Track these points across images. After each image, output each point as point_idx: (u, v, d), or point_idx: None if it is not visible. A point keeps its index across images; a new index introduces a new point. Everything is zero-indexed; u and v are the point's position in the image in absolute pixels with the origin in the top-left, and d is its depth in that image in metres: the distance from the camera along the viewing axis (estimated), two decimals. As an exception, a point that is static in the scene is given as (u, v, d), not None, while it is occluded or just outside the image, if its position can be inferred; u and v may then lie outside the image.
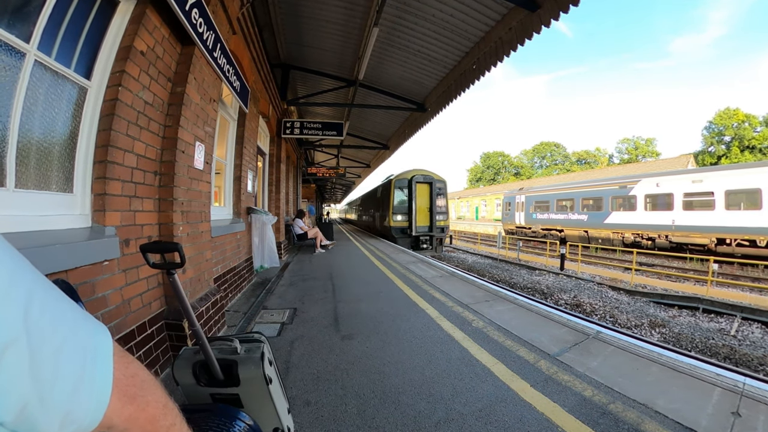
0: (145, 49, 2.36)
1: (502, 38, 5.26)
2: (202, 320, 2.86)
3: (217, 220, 4.19)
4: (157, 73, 2.56)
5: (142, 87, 2.38)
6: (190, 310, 1.24)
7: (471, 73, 6.40)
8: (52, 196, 1.85)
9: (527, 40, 4.94)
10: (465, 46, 5.95)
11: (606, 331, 3.29)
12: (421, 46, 6.25)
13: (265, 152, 7.67)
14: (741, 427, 1.87)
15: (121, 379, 0.44)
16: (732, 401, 2.11)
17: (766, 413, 1.95)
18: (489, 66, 5.90)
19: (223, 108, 4.50)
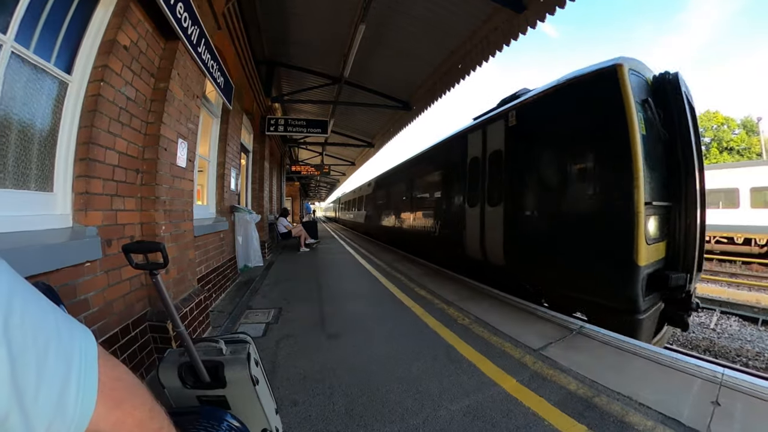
0: (128, 44, 2.29)
1: (488, 38, 5.33)
2: (187, 321, 2.80)
3: (200, 219, 4.11)
4: (140, 68, 2.49)
5: (124, 83, 2.31)
6: (174, 312, 1.23)
7: (456, 72, 6.47)
8: (32, 195, 1.78)
9: (513, 41, 5.02)
10: (451, 45, 5.98)
11: (589, 326, 3.37)
12: (407, 44, 6.25)
13: (248, 149, 7.54)
14: (720, 415, 1.95)
15: (106, 383, 0.43)
16: (712, 391, 2.19)
17: (742, 401, 2.06)
18: (474, 65, 5.98)
19: (207, 104, 4.40)
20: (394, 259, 8.05)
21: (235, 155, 5.47)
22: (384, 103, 8.67)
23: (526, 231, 4.40)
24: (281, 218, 10.28)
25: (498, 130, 5.00)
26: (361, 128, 12.12)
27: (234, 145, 5.37)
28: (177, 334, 1.22)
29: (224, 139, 4.90)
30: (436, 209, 7.33)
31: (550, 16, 4.36)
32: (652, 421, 1.92)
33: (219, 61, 3.76)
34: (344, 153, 16.89)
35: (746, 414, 1.94)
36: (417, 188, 8.90)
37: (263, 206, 8.26)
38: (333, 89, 8.30)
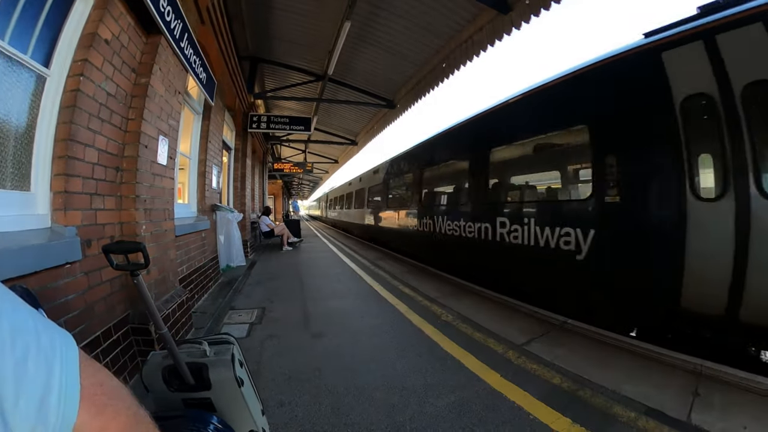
0: (109, 38, 2.22)
1: (473, 38, 5.38)
2: (169, 323, 2.74)
3: (181, 218, 4.01)
4: (121, 63, 2.41)
5: (105, 77, 2.23)
6: (157, 313, 1.22)
7: (441, 72, 6.52)
8: (7, 194, 1.70)
9: (497, 41, 5.09)
10: (436, 44, 6.03)
11: (572, 321, 3.40)
12: (393, 43, 6.27)
13: (230, 147, 7.39)
14: (700, 404, 2.02)
15: (89, 389, 0.41)
16: (692, 382, 2.27)
17: (720, 390, 2.15)
18: (459, 65, 6.03)
19: (189, 100, 4.29)
20: (378, 256, 8.08)
21: (216, 152, 5.35)
22: (368, 101, 8.67)
23: None
24: (264, 217, 10.12)
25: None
26: (344, 126, 12.07)
27: (216, 142, 5.25)
28: (160, 336, 1.19)
29: (206, 136, 4.79)
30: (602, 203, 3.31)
31: (534, 17, 4.43)
32: (635, 413, 1.98)
33: (202, 57, 3.67)
34: (327, 151, 16.76)
35: (724, 402, 2.03)
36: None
37: (245, 204, 8.11)
38: (317, 86, 8.24)
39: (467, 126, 5.61)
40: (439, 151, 6.61)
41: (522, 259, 4.15)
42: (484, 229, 4.77)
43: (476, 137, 5.26)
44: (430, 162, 6.88)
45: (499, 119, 4.86)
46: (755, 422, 1.82)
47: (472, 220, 5.09)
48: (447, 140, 6.34)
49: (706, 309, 2.62)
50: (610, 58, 3.32)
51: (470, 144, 5.41)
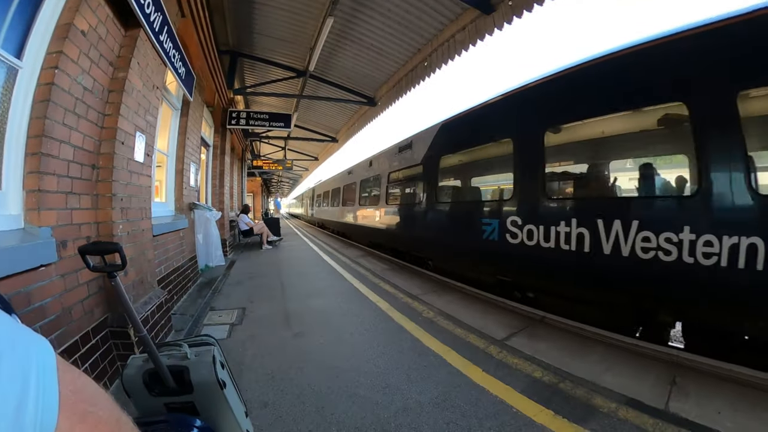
0: (86, 29, 2.12)
1: (455, 38, 5.43)
2: (148, 325, 2.66)
3: (159, 217, 3.88)
4: (99, 56, 2.31)
5: (81, 71, 2.14)
6: (135, 316, 1.20)
7: (422, 70, 6.54)
8: (-23, 193, 1.61)
9: (479, 41, 5.16)
10: (418, 43, 6.06)
11: (551, 315, 3.49)
12: (375, 40, 6.25)
13: (209, 143, 7.19)
14: (677, 392, 2.11)
15: (68, 396, 0.39)
16: (669, 372, 2.36)
17: (696, 379, 2.25)
18: (440, 64, 6.06)
19: (167, 96, 4.15)
20: (358, 254, 8.09)
21: (195, 149, 5.20)
22: (349, 98, 8.63)
23: None
24: (242, 215, 9.91)
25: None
26: (325, 123, 11.96)
27: (194, 138, 5.10)
28: (139, 339, 1.17)
29: (184, 133, 4.64)
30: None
31: (517, 18, 4.50)
32: (615, 403, 2.05)
33: (181, 51, 3.56)
34: (307, 148, 16.54)
35: (700, 391, 2.13)
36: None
37: (224, 203, 7.93)
38: (297, 82, 8.16)
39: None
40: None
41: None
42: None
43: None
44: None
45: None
46: (729, 408, 1.94)
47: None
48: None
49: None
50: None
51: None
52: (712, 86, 2.53)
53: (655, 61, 2.88)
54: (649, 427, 1.82)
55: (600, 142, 3.45)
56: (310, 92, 8.74)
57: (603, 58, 3.26)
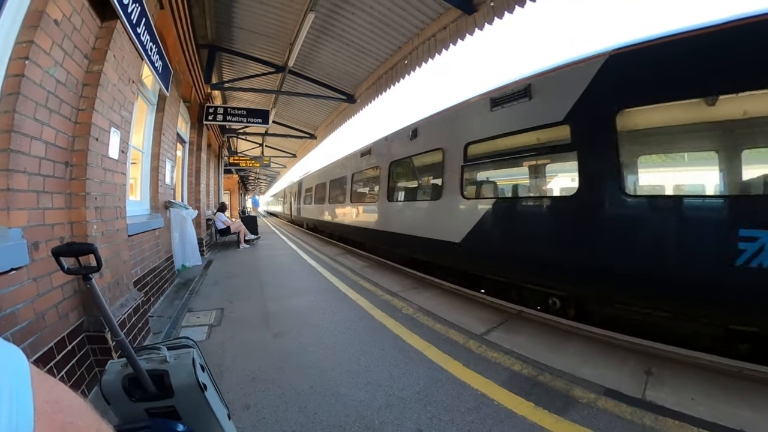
0: (59, 18, 2.01)
1: (436, 37, 5.49)
2: (126, 329, 2.57)
3: (134, 217, 3.74)
4: (73, 47, 2.20)
5: (54, 63, 2.03)
6: (112, 319, 1.18)
7: (402, 68, 6.59)
8: (-58, 192, 1.50)
9: (460, 41, 5.24)
10: (399, 41, 6.09)
11: (528, 310, 3.60)
12: (356, 37, 6.24)
13: (185, 140, 6.96)
14: (653, 382, 2.22)
15: (44, 407, 0.37)
16: (645, 362, 2.46)
17: (671, 368, 2.36)
18: (420, 62, 6.12)
19: (142, 90, 3.99)
20: (337, 252, 8.06)
21: (171, 146, 5.02)
22: (328, 95, 8.59)
23: None
24: (219, 213, 9.66)
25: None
26: (303, 119, 11.84)
27: (170, 134, 4.92)
28: (117, 344, 1.15)
29: (159, 129, 4.47)
30: None
31: (498, 19, 4.59)
32: (594, 394, 2.13)
33: (159, 44, 3.43)
34: (285, 144, 16.30)
35: (675, 379, 2.24)
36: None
37: (200, 201, 7.69)
38: (276, 78, 8.05)
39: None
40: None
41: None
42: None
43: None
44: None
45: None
46: (702, 394, 2.07)
47: None
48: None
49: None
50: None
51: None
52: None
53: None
54: (628, 416, 1.91)
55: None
56: (289, 88, 8.66)
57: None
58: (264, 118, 8.35)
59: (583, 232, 3.19)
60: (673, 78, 2.72)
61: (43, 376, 0.41)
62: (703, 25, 2.62)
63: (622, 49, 3.02)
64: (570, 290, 3.61)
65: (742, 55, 2.40)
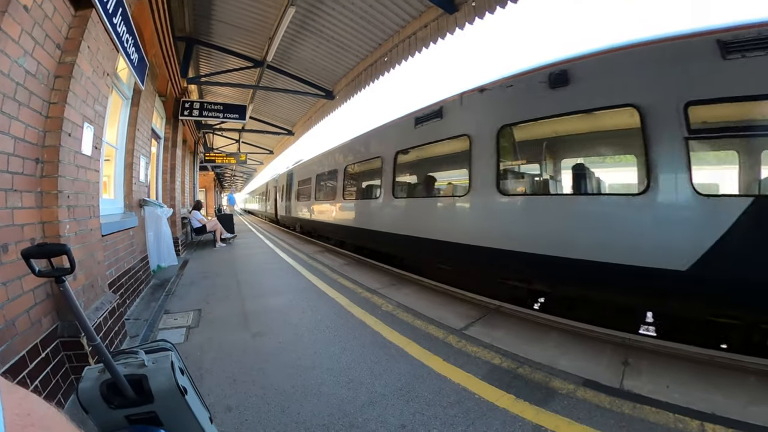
0: (29, 4, 1.90)
1: (417, 35, 5.50)
2: (102, 333, 2.47)
3: (108, 216, 3.58)
4: (44, 36, 2.08)
5: (23, 52, 1.91)
6: (88, 323, 1.15)
7: (382, 65, 6.57)
8: None
9: (440, 39, 5.26)
10: (379, 38, 6.07)
11: (506, 305, 3.65)
12: (336, 33, 6.19)
13: (160, 136, 6.68)
14: (630, 372, 2.29)
15: (15, 421, 0.35)
16: (622, 353, 2.53)
17: (647, 359, 2.45)
18: (400, 60, 6.10)
19: (117, 84, 3.81)
20: (315, 250, 8.01)
21: (145, 142, 4.82)
22: (306, 91, 8.50)
23: None
24: (195, 211, 9.37)
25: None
26: (281, 115, 11.66)
27: (145, 130, 4.73)
28: (93, 349, 1.12)
29: (134, 124, 4.29)
30: None
31: (479, 19, 4.63)
32: (573, 385, 2.19)
33: (135, 35, 3.29)
34: (262, 141, 15.98)
35: (651, 368, 2.34)
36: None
37: (175, 199, 7.45)
38: (254, 73, 7.89)
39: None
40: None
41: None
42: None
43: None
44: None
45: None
46: (677, 382, 2.17)
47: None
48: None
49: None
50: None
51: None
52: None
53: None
54: (607, 405, 1.99)
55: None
56: (267, 83, 8.52)
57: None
58: (241, 114, 8.21)
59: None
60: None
61: (12, 387, 0.39)
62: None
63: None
64: None
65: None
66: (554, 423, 1.85)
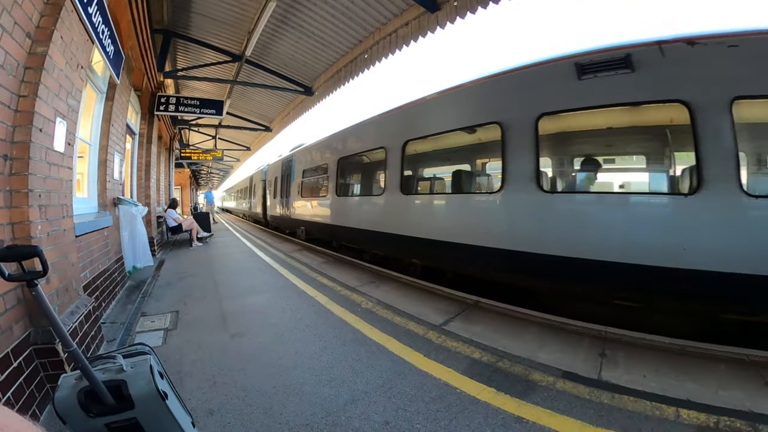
0: (-5, -12, 1.79)
1: (398, 32, 5.53)
2: (77, 338, 2.36)
3: (82, 215, 3.42)
4: (12, 24, 1.96)
5: (-10, 41, 1.80)
6: (63, 328, 1.12)
7: (362, 62, 6.59)
8: None
9: (421, 38, 5.31)
10: (360, 34, 6.08)
11: (484, 299, 3.68)
12: (317, 29, 6.16)
13: (135, 131, 6.43)
14: (607, 363, 2.36)
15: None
16: (599, 345, 2.60)
17: (623, 350, 2.52)
18: (381, 57, 6.14)
19: (91, 77, 3.63)
20: (293, 248, 7.95)
21: (120, 138, 4.62)
22: (285, 86, 8.44)
23: None
24: (170, 210, 9.09)
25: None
26: (259, 111, 11.50)
27: (119, 126, 4.53)
28: (69, 355, 1.09)
29: (108, 119, 4.10)
30: None
31: (460, 19, 4.69)
32: (553, 377, 2.24)
33: (111, 27, 3.15)
34: (240, 137, 15.65)
35: (627, 359, 2.41)
36: None
37: (150, 197, 7.20)
38: (232, 67, 7.78)
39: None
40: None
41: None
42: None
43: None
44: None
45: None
46: (653, 372, 2.26)
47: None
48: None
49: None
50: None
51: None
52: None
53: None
54: (586, 395, 2.05)
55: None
56: (245, 78, 8.42)
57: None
58: (218, 109, 8.09)
59: None
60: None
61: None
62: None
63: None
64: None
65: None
66: (536, 414, 1.90)
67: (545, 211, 3.51)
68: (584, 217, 3.34)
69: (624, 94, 3.14)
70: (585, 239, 3.25)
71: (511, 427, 1.82)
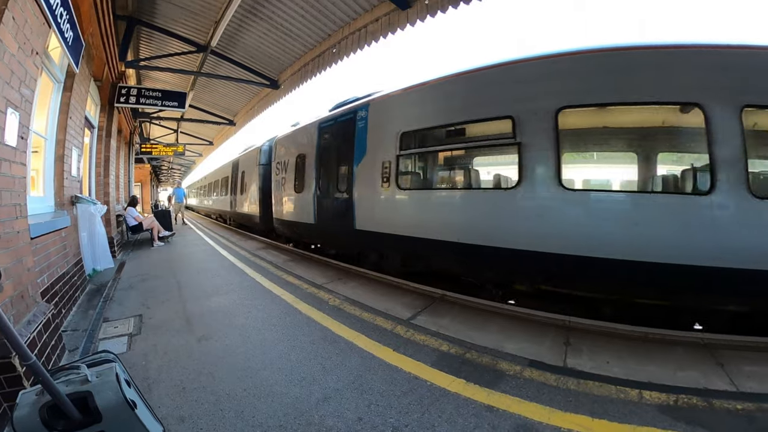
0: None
1: (368, 28, 5.52)
2: (36, 350, 2.20)
3: (37, 215, 3.16)
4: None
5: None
6: (20, 340, 1.06)
7: (330, 57, 6.53)
8: None
9: (391, 34, 5.32)
10: (329, 28, 6.03)
11: (450, 293, 3.75)
12: (285, 20, 6.04)
13: (94, 125, 5.99)
14: (572, 351, 2.44)
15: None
16: (563, 335, 2.70)
17: (587, 339, 2.62)
18: (349, 52, 6.10)
19: (47, 65, 3.34)
20: (257, 246, 7.82)
21: (78, 131, 4.30)
22: (251, 79, 8.24)
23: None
24: (130, 208, 8.58)
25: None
26: (222, 104, 11.13)
27: (78, 118, 4.21)
28: (28, 369, 1.03)
29: (66, 111, 3.80)
30: None
31: (431, 17, 4.73)
32: (519, 366, 2.32)
33: (71, 10, 2.93)
34: (202, 131, 15.01)
35: (591, 347, 2.52)
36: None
37: (109, 194, 6.75)
38: (197, 58, 7.46)
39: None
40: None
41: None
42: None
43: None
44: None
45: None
46: (615, 358, 2.39)
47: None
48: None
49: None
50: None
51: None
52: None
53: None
54: (553, 382, 2.15)
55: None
56: (210, 70, 8.13)
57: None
58: (180, 102, 7.81)
59: None
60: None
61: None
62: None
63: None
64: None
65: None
66: (505, 403, 1.96)
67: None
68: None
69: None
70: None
71: (482, 416, 1.86)
